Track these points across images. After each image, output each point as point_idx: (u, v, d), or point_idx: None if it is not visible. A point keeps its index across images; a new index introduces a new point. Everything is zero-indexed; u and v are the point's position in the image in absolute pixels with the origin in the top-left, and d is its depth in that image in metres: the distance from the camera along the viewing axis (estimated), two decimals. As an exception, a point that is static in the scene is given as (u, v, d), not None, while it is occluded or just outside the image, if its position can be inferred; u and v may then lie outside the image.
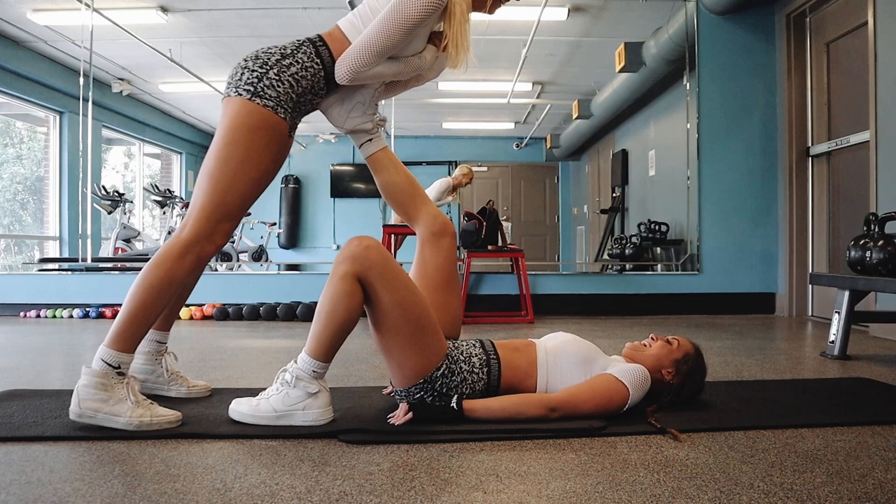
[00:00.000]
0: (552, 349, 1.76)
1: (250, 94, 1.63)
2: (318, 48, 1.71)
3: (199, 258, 1.64)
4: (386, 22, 1.62)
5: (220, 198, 1.63)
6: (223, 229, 1.65)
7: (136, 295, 1.60)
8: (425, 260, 1.84)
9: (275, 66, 1.65)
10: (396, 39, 1.63)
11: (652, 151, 6.21)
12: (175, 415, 1.61)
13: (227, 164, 1.63)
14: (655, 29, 5.30)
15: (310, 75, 1.69)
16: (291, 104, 1.68)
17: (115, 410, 1.55)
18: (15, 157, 7.40)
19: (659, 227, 5.53)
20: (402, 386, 1.68)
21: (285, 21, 5.47)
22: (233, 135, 1.63)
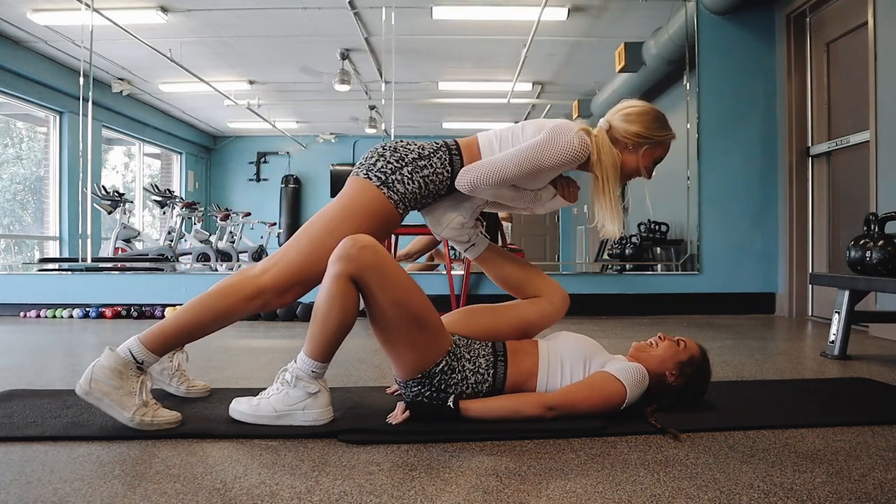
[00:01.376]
0: (553, 348, 1.76)
1: (380, 182, 1.67)
2: (453, 156, 1.75)
3: (264, 307, 1.65)
4: (522, 155, 1.65)
5: (310, 263, 1.64)
6: (297, 291, 1.66)
7: (192, 311, 1.63)
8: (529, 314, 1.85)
9: (410, 164, 1.70)
10: (525, 174, 1.66)
11: (652, 151, 6.20)
12: (175, 416, 1.61)
13: (330, 235, 1.63)
14: (655, 29, 5.30)
15: (439, 180, 1.73)
16: (414, 202, 1.72)
17: (122, 402, 1.55)
18: (15, 157, 7.40)
19: (659, 227, 5.53)
20: (402, 377, 1.70)
21: (285, 21, 5.48)
22: (349, 211, 1.67)
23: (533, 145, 1.66)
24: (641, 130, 1.76)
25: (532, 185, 1.77)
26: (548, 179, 1.77)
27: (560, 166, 1.68)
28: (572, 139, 1.66)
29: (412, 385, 1.68)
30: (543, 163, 1.65)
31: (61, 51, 5.99)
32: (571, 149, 1.65)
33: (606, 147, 1.74)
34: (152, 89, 7.29)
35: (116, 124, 7.31)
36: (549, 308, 1.84)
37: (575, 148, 1.66)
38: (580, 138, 1.67)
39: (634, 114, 1.76)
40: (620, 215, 1.77)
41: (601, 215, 1.76)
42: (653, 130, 1.78)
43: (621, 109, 1.78)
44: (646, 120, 1.77)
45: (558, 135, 1.66)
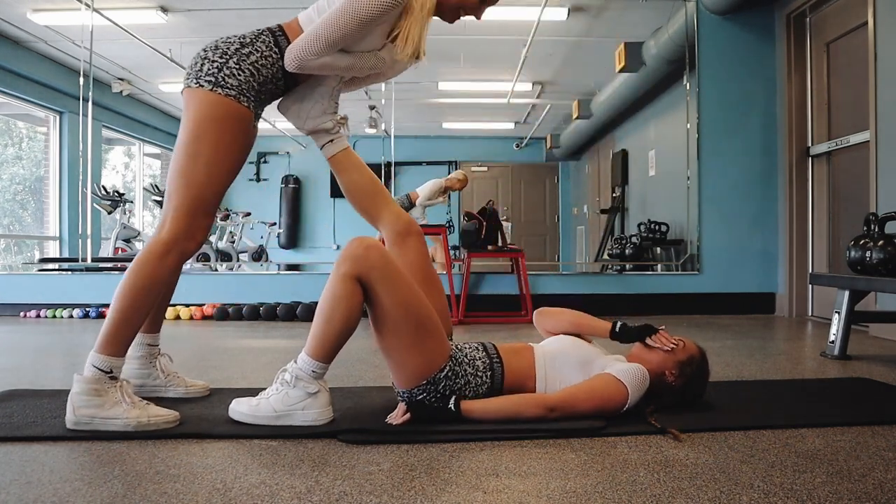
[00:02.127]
0: (549, 352, 1.77)
1: (212, 84, 1.62)
2: (277, 37, 1.70)
3: (181, 256, 1.64)
4: (337, 14, 1.59)
5: (195, 193, 1.62)
6: (202, 225, 1.65)
7: (121, 298, 1.60)
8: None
9: (234, 55, 1.64)
10: (346, 32, 1.59)
11: (652, 151, 6.21)
12: (172, 414, 1.61)
13: (197, 160, 1.62)
14: (655, 29, 5.29)
15: (269, 63, 1.68)
16: (253, 93, 1.67)
17: (111, 414, 1.55)
18: (14, 157, 7.40)
19: (659, 227, 5.53)
20: (404, 387, 1.67)
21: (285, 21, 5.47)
22: (199, 129, 1.62)
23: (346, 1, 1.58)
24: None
25: (366, 46, 1.68)
26: (381, 34, 1.68)
27: (380, 14, 1.58)
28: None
29: (416, 393, 1.65)
30: (362, 14, 1.57)
31: (61, 51, 5.99)
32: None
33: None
34: (152, 89, 7.28)
35: (116, 124, 7.30)
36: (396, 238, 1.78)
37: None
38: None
39: None
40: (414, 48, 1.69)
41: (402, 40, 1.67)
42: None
43: None
44: None
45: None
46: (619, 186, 6.91)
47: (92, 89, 5.33)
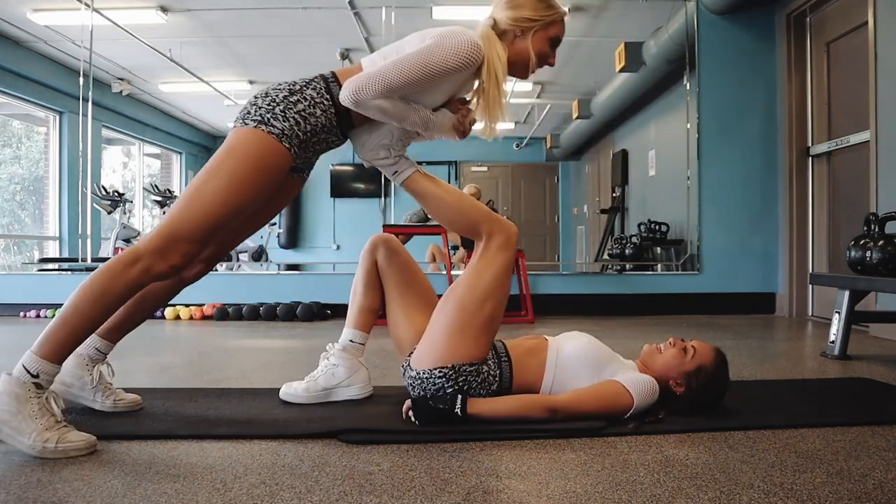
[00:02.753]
0: (564, 350, 1.75)
1: (256, 123, 1.57)
2: (330, 84, 1.64)
3: (146, 272, 1.49)
4: (408, 59, 1.56)
5: (187, 217, 1.52)
6: (181, 250, 1.51)
7: (73, 298, 1.49)
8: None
9: (282, 103, 1.58)
10: (411, 80, 1.55)
11: (652, 151, 6.21)
12: (86, 441, 1.43)
13: (206, 185, 1.54)
14: (655, 29, 5.29)
15: (319, 112, 1.61)
16: (297, 140, 1.59)
17: (21, 428, 1.39)
18: (13, 157, 7.40)
19: (659, 227, 5.53)
20: (425, 365, 1.68)
21: (285, 21, 5.48)
22: (223, 156, 1.56)
23: (420, 50, 1.56)
24: (529, 14, 1.65)
25: (425, 100, 1.65)
26: (440, 92, 1.66)
27: (450, 72, 1.56)
28: (461, 41, 1.55)
29: (436, 376, 1.66)
30: (431, 67, 1.54)
31: (61, 51, 5.99)
32: (461, 51, 1.55)
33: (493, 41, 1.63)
34: (152, 89, 7.28)
35: (116, 124, 7.30)
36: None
37: (465, 50, 1.55)
38: (470, 40, 1.57)
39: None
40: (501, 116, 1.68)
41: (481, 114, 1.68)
42: (540, 10, 1.66)
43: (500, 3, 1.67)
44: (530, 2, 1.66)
45: (446, 38, 1.56)
46: (619, 186, 6.91)
47: (92, 89, 5.33)
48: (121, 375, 2.31)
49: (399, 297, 1.89)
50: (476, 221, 1.76)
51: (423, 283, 1.93)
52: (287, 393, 1.89)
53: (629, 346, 1.92)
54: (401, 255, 1.92)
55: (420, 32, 1.64)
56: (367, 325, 1.92)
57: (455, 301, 1.70)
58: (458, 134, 1.76)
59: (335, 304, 4.63)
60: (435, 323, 1.73)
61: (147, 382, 2.28)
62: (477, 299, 1.67)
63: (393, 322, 1.90)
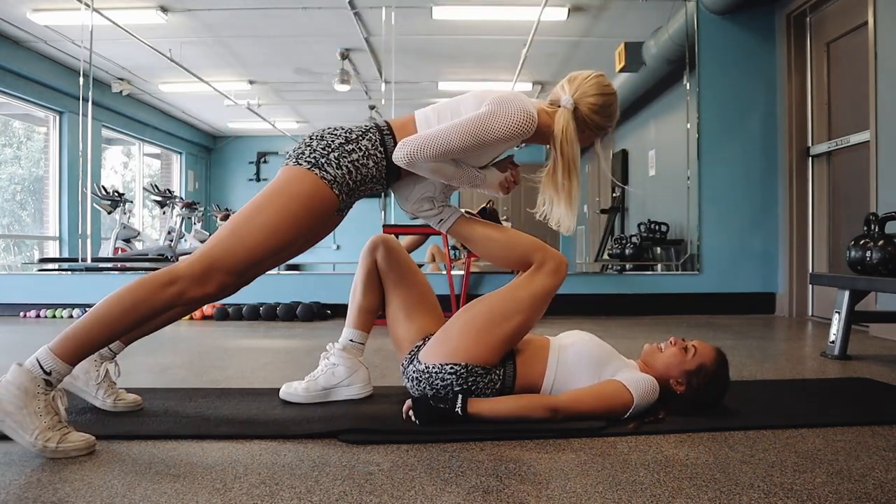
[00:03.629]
0: (565, 349, 1.75)
1: (310, 165, 1.58)
2: (384, 136, 1.66)
3: (181, 296, 1.50)
4: (464, 126, 1.58)
5: (229, 248, 1.53)
6: (220, 280, 1.52)
7: (103, 304, 1.49)
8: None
9: (337, 150, 1.60)
10: (466, 146, 1.58)
11: (652, 151, 6.21)
12: (86, 442, 1.43)
13: (252, 220, 1.55)
14: (655, 29, 5.29)
15: (372, 163, 1.63)
16: (347, 188, 1.61)
17: (24, 423, 1.39)
18: (13, 157, 7.40)
19: (659, 227, 5.53)
20: (435, 359, 1.69)
21: (285, 21, 5.47)
22: (275, 195, 1.57)
23: (475, 117, 1.59)
24: (604, 123, 1.72)
25: (475, 161, 1.69)
26: (491, 155, 1.70)
27: (503, 140, 1.60)
28: (517, 111, 1.59)
29: (447, 371, 1.67)
30: (485, 135, 1.57)
31: (61, 51, 5.99)
32: (516, 121, 1.58)
33: (572, 133, 1.66)
34: (152, 89, 7.28)
35: (116, 124, 7.31)
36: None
37: (519, 120, 1.58)
38: (526, 111, 1.60)
39: (603, 105, 1.69)
40: (577, 207, 1.71)
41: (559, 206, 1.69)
42: (612, 122, 1.74)
43: (590, 94, 1.68)
44: (611, 113, 1.72)
45: (502, 106, 1.59)
46: (619, 186, 6.91)
47: (92, 89, 5.32)
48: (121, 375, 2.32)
49: (399, 296, 1.89)
50: (527, 253, 1.78)
51: (423, 283, 1.94)
52: (287, 392, 1.89)
53: (629, 346, 1.92)
54: (400, 255, 1.92)
55: (477, 93, 1.66)
56: (366, 324, 1.93)
57: (485, 306, 1.73)
58: (504, 190, 1.82)
59: (335, 304, 4.63)
60: (456, 321, 1.74)
61: (147, 382, 2.28)
62: (507, 311, 1.69)
63: (392, 322, 1.90)
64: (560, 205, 1.70)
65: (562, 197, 1.69)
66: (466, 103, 1.66)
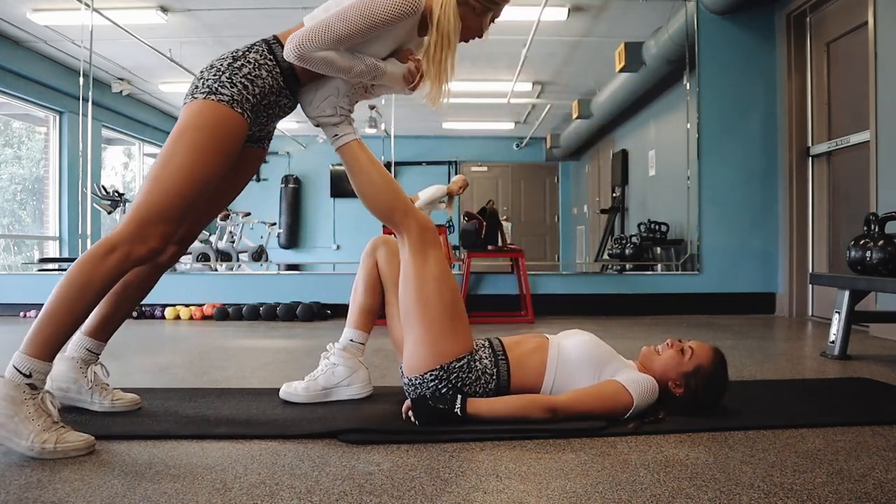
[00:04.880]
0: (565, 349, 1.75)
1: (205, 94, 1.58)
2: (271, 45, 1.66)
3: (126, 259, 1.49)
4: (349, 9, 1.55)
5: (156, 198, 1.52)
6: (158, 231, 1.52)
7: (54, 293, 1.47)
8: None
9: (227, 71, 1.60)
10: (355, 29, 1.55)
11: (652, 151, 6.21)
12: (85, 441, 1.43)
13: (169, 164, 1.54)
14: (655, 29, 5.29)
15: (265, 73, 1.62)
16: (250, 104, 1.61)
17: (19, 430, 1.38)
18: (13, 157, 7.40)
19: (659, 227, 5.53)
20: (415, 371, 1.69)
21: (285, 21, 5.41)
22: (179, 134, 1.56)
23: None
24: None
25: (369, 50, 1.65)
26: (386, 43, 1.66)
27: (393, 19, 1.56)
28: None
29: (428, 380, 1.67)
30: (375, 14, 1.54)
31: (61, 51, 5.99)
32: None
33: (452, 7, 1.62)
34: (152, 89, 7.28)
35: (116, 124, 7.30)
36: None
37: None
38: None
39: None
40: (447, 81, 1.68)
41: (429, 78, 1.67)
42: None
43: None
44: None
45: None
46: (618, 186, 6.91)
47: (92, 89, 5.32)
48: (120, 375, 2.32)
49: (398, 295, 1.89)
50: (393, 207, 1.75)
51: None
52: (287, 392, 1.89)
53: (629, 346, 1.93)
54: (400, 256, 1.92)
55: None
56: (367, 325, 1.93)
57: (413, 302, 1.70)
58: (408, 84, 1.75)
59: (335, 304, 4.63)
60: (407, 331, 1.73)
61: (147, 382, 2.28)
62: (432, 291, 1.69)
63: (392, 322, 1.90)
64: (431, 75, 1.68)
65: (432, 69, 1.66)
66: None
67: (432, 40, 1.65)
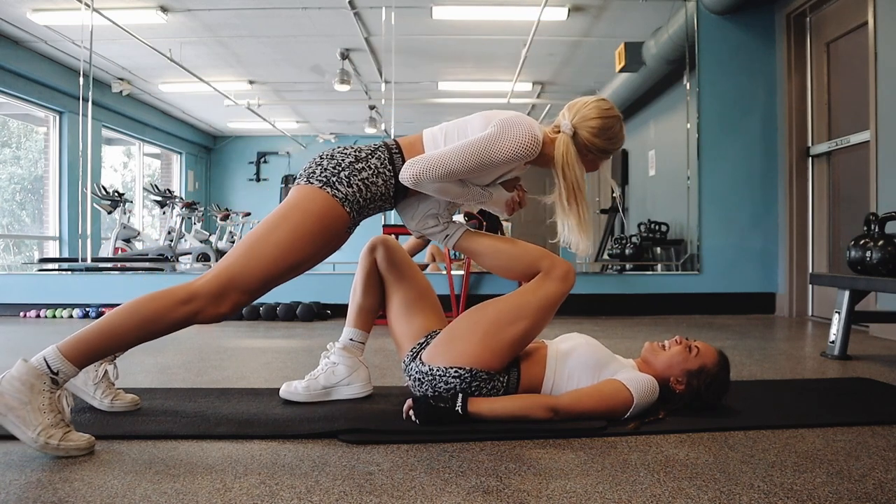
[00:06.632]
0: (563, 351, 1.75)
1: (322, 183, 1.61)
2: (393, 155, 1.68)
3: (196, 314, 1.52)
4: (468, 148, 1.60)
5: (246, 267, 1.55)
6: (235, 300, 1.54)
7: (118, 314, 1.49)
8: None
9: (347, 169, 1.62)
10: (471, 166, 1.60)
11: (652, 151, 6.21)
12: (87, 442, 1.43)
13: (268, 238, 1.57)
14: (655, 29, 5.29)
15: (381, 181, 1.65)
16: (358, 206, 1.64)
17: (28, 419, 1.38)
18: (13, 157, 7.40)
19: (659, 227, 5.53)
20: (440, 362, 1.68)
21: (285, 21, 5.48)
22: (289, 211, 1.60)
23: (481, 138, 1.61)
24: (607, 146, 1.71)
25: (480, 181, 1.71)
26: (496, 175, 1.71)
27: (508, 161, 1.62)
28: (522, 133, 1.61)
29: (451, 375, 1.67)
30: (490, 157, 1.60)
31: (61, 51, 5.99)
32: (520, 143, 1.60)
33: (573, 157, 1.68)
34: (152, 89, 7.28)
35: (116, 124, 7.31)
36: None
37: (524, 143, 1.60)
38: (531, 133, 1.62)
39: (603, 128, 1.69)
40: (591, 229, 1.72)
41: (573, 231, 1.71)
42: (615, 144, 1.73)
43: (589, 119, 1.70)
44: (613, 136, 1.71)
45: (508, 128, 1.61)
46: (619, 186, 6.91)
47: (92, 89, 5.33)
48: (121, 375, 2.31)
49: (398, 295, 1.90)
50: (534, 263, 1.77)
51: (422, 282, 1.94)
52: (287, 391, 1.90)
53: (629, 346, 1.92)
54: (399, 255, 1.94)
55: (485, 114, 1.68)
56: (367, 324, 1.94)
57: (492, 310, 1.71)
58: (509, 210, 1.83)
59: (335, 304, 4.62)
60: (463, 324, 1.73)
61: (147, 382, 2.28)
62: (514, 316, 1.68)
63: (392, 321, 1.91)
64: (572, 228, 1.71)
65: (571, 220, 1.70)
66: (473, 124, 1.68)
67: (563, 194, 1.69)
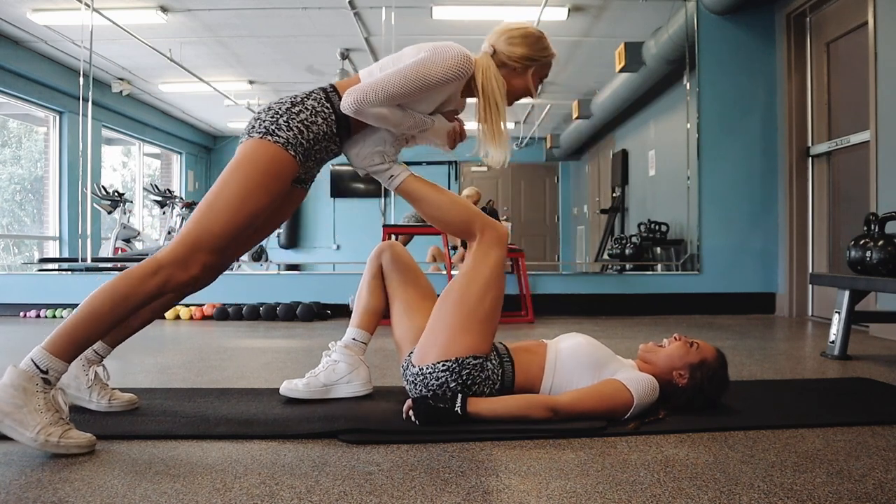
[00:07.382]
0: (563, 351, 1.75)
1: (262, 134, 1.64)
2: (329, 94, 1.72)
3: (167, 282, 1.54)
4: (406, 70, 1.64)
5: (204, 226, 1.58)
6: (201, 260, 1.56)
7: (90, 300, 1.51)
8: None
9: (284, 115, 1.65)
10: (410, 90, 1.64)
11: (652, 151, 6.21)
12: (87, 440, 1.44)
13: (220, 194, 1.60)
14: (655, 29, 5.29)
15: (321, 119, 1.69)
16: (302, 149, 1.66)
17: (26, 421, 1.39)
18: (13, 157, 7.40)
19: (659, 227, 5.53)
20: (428, 360, 1.69)
21: (285, 21, 5.48)
22: (234, 167, 1.63)
23: (416, 61, 1.65)
24: (528, 52, 1.75)
25: (421, 107, 1.74)
26: (436, 100, 1.75)
27: (445, 81, 1.66)
28: (455, 52, 1.66)
29: (440, 370, 1.67)
30: (428, 77, 1.64)
31: (61, 51, 5.99)
32: (454, 61, 1.65)
33: (493, 71, 1.73)
34: (152, 89, 7.28)
35: (116, 124, 7.31)
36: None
37: (459, 62, 1.66)
38: (463, 53, 1.67)
39: (518, 36, 1.75)
40: (506, 142, 1.78)
41: (487, 142, 1.77)
42: (538, 51, 1.77)
43: (504, 33, 1.76)
44: (531, 42, 1.76)
45: (441, 50, 1.66)
46: (618, 186, 6.91)
47: (92, 89, 5.32)
48: (120, 375, 2.32)
49: (401, 297, 1.92)
50: (469, 221, 1.81)
51: (425, 284, 1.97)
52: (287, 389, 1.90)
53: (629, 346, 1.93)
54: (405, 259, 1.98)
55: (415, 45, 1.72)
56: (370, 325, 1.96)
57: (455, 296, 1.73)
58: (451, 141, 1.86)
59: (335, 304, 4.63)
60: (436, 319, 1.74)
61: (146, 382, 2.28)
62: (477, 292, 1.71)
63: (395, 321, 1.92)
64: (487, 138, 1.77)
65: (486, 132, 1.76)
66: (406, 52, 1.72)
67: (481, 107, 1.75)
